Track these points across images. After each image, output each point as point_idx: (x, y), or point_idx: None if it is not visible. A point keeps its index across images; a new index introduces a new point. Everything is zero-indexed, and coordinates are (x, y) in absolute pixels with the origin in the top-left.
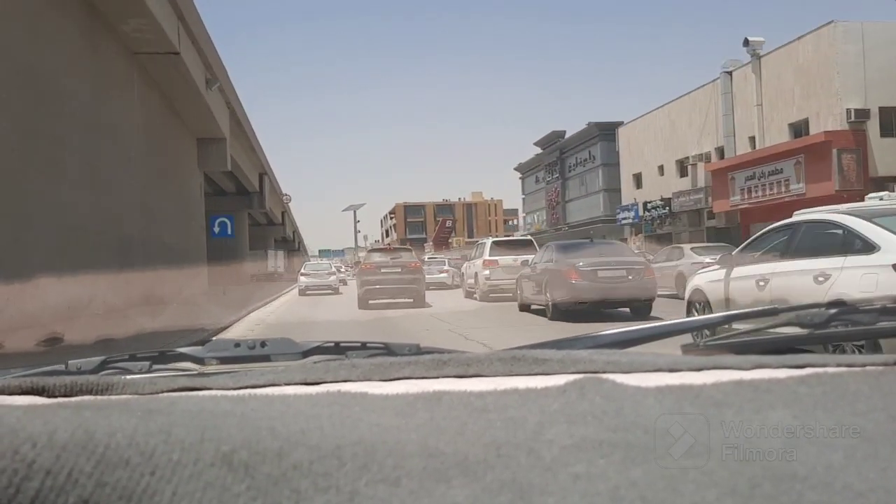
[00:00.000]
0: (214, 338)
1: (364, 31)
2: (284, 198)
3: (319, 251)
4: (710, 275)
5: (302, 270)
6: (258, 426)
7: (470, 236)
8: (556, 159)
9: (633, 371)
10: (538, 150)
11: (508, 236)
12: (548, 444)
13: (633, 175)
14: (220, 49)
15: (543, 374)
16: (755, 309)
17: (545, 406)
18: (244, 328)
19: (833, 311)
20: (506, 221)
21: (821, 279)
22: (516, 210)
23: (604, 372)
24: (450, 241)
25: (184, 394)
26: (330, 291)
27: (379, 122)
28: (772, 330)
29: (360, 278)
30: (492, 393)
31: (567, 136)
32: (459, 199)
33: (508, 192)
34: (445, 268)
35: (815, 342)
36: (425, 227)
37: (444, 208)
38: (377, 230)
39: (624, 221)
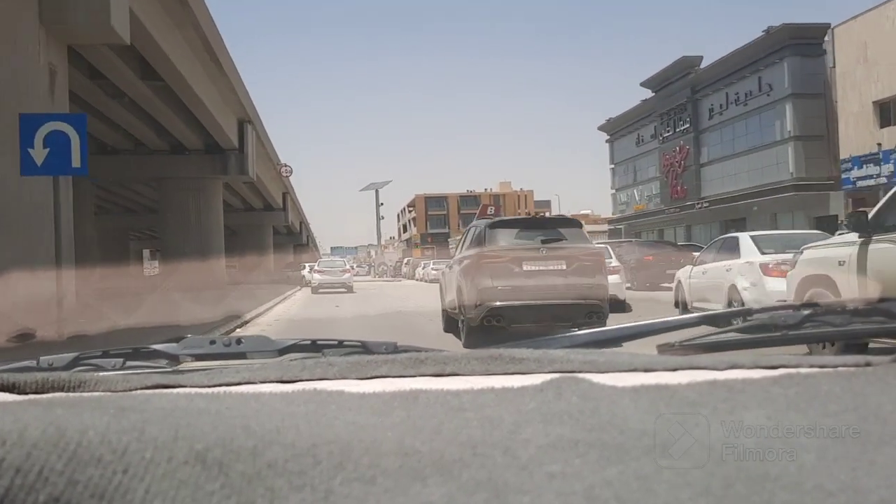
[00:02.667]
0: (189, 335)
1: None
2: (283, 170)
3: (332, 248)
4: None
5: (315, 267)
6: (233, 424)
7: None
8: (685, 102)
9: (609, 371)
10: (617, 114)
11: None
12: (524, 444)
13: (877, 104)
14: None
15: (520, 374)
16: (730, 310)
17: (522, 405)
18: None
19: (806, 311)
20: (536, 214)
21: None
22: (549, 202)
23: (580, 371)
24: None
25: (157, 391)
26: (344, 290)
27: (394, 111)
28: (746, 330)
29: (474, 280)
30: (468, 392)
31: (705, 63)
32: (486, 189)
33: (539, 182)
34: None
35: (788, 343)
36: (448, 220)
37: (469, 200)
38: (393, 226)
39: (865, 182)
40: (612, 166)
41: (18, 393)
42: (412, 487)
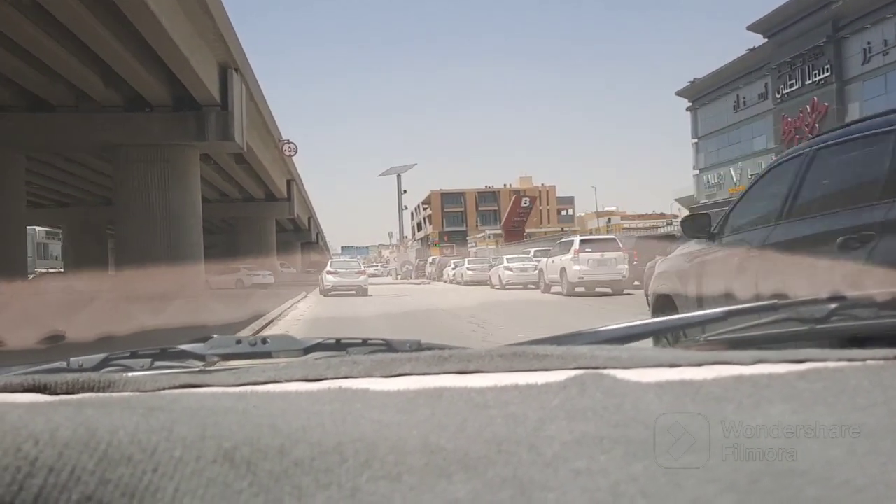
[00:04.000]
0: (215, 335)
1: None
2: (286, 147)
3: (342, 248)
4: None
5: (328, 268)
6: (259, 423)
7: None
8: (822, 44)
9: (633, 367)
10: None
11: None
12: (548, 440)
13: None
14: None
15: (544, 370)
16: (755, 304)
17: (546, 402)
18: None
19: (833, 305)
20: (559, 211)
21: None
22: (572, 198)
23: (604, 368)
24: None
25: (185, 391)
26: (355, 293)
27: (408, 104)
28: (772, 325)
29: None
30: (492, 389)
31: None
32: (505, 185)
33: (562, 177)
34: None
35: (815, 338)
36: (466, 217)
37: (488, 196)
38: (406, 224)
39: None
40: (696, 140)
41: (49, 394)
42: (438, 485)
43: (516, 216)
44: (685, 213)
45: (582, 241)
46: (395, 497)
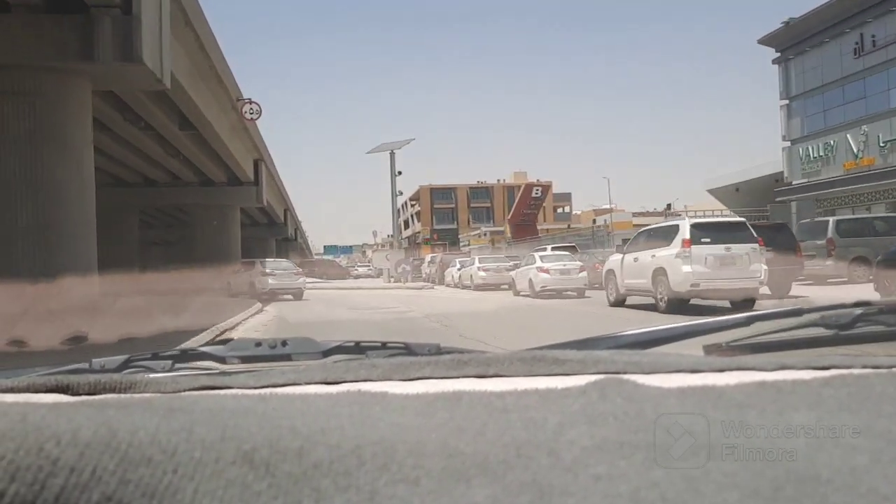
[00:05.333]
0: (236, 337)
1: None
2: (246, 109)
3: (325, 247)
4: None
5: (265, 270)
6: (279, 425)
7: None
8: None
9: (654, 372)
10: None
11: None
12: (568, 445)
13: None
14: None
15: (564, 375)
16: (779, 309)
17: (565, 407)
18: None
19: (859, 311)
20: (555, 209)
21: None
22: (569, 195)
23: (625, 373)
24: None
25: (205, 392)
26: (291, 297)
27: (393, 97)
28: (796, 330)
29: None
30: (512, 393)
31: None
32: (499, 180)
33: (558, 173)
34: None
35: (840, 343)
36: (457, 215)
37: (480, 192)
38: (390, 222)
39: None
40: (787, 102)
41: (72, 394)
42: (456, 489)
43: (526, 208)
44: (714, 206)
45: (695, 228)
46: (413, 500)
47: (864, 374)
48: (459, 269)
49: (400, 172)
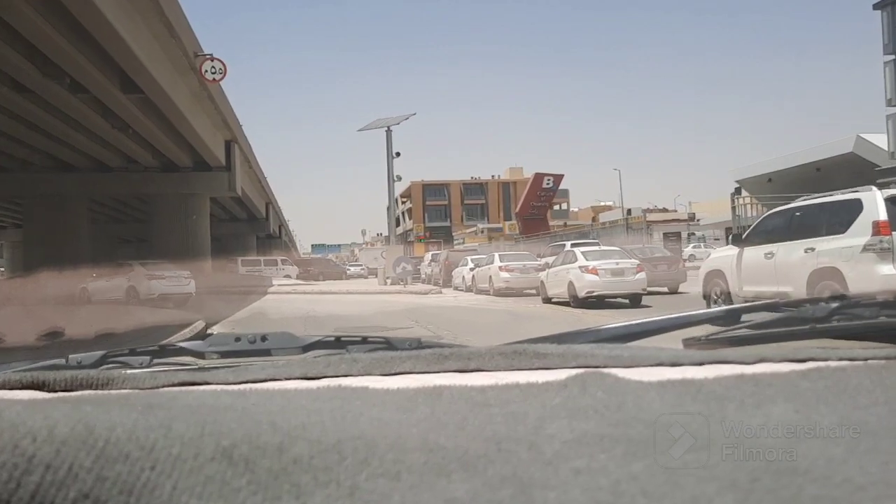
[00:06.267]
0: (215, 332)
1: None
2: (205, 67)
3: (313, 246)
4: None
5: (146, 271)
6: (259, 420)
7: (508, 220)
8: None
9: (634, 365)
10: None
11: None
12: (549, 439)
13: None
14: None
15: (545, 369)
16: (756, 303)
17: (546, 400)
18: None
19: (835, 304)
20: (552, 205)
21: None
22: (566, 191)
23: (605, 366)
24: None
25: (184, 388)
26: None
27: (385, 88)
28: (774, 324)
29: None
30: (493, 387)
31: None
32: (493, 176)
33: (554, 169)
34: None
35: (817, 336)
36: (450, 212)
37: (474, 188)
38: (380, 221)
39: None
40: (894, 57)
41: (48, 391)
42: (437, 483)
43: (536, 200)
44: (718, 206)
45: (892, 203)
46: (394, 495)
47: (840, 367)
48: (473, 270)
49: (398, 153)
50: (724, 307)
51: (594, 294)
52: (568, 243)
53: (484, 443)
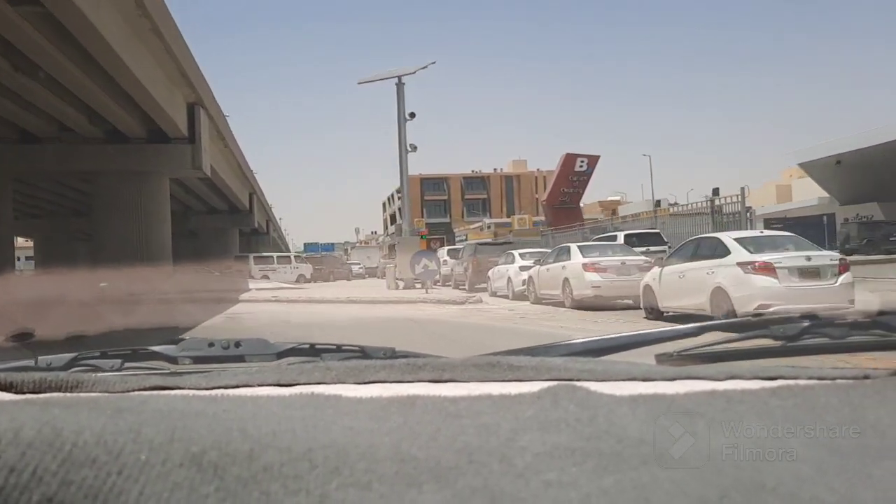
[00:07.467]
0: (188, 336)
1: None
2: None
3: (305, 245)
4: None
5: None
6: (229, 427)
7: (510, 216)
8: None
9: (607, 379)
10: None
11: None
12: (520, 451)
13: None
14: None
15: (518, 381)
16: (729, 320)
17: (519, 413)
18: None
19: (806, 323)
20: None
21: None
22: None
23: (578, 380)
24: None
25: (155, 393)
26: None
27: (381, 86)
28: (745, 341)
29: None
30: (466, 398)
31: None
32: (495, 169)
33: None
34: None
35: (787, 354)
36: (450, 207)
37: (475, 182)
38: (376, 219)
39: None
40: None
41: (15, 392)
42: (408, 494)
43: (568, 186)
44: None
45: None
46: None
47: (809, 386)
48: (529, 270)
49: (413, 114)
50: (697, 324)
51: (771, 307)
52: (620, 234)
53: (456, 454)
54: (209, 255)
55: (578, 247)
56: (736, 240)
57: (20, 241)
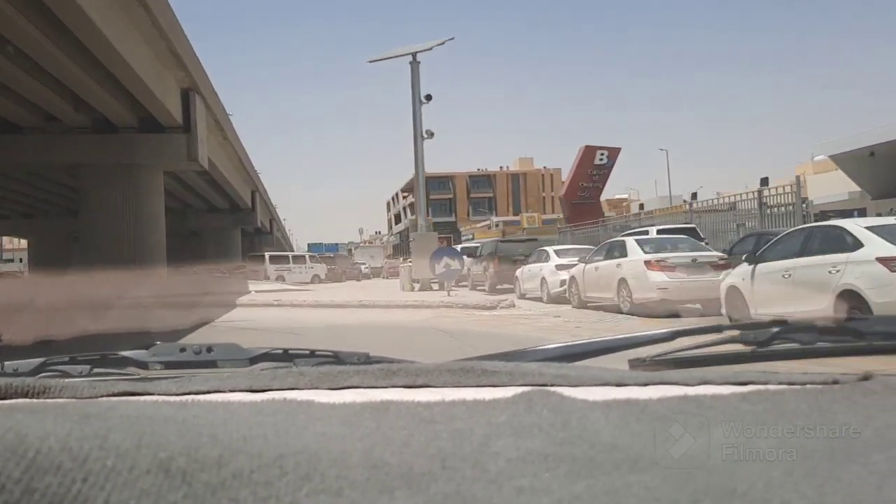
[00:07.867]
0: (159, 342)
1: None
2: None
3: (309, 245)
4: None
5: None
6: (199, 433)
7: (516, 215)
8: None
9: (580, 385)
10: None
11: None
12: (493, 457)
13: None
14: None
15: (492, 386)
16: (701, 326)
17: (492, 418)
18: None
19: (775, 329)
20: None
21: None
22: None
23: (552, 385)
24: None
25: (124, 398)
26: None
27: (382, 77)
28: (717, 346)
29: None
30: (439, 404)
31: None
32: (502, 167)
33: (565, 160)
34: None
35: (758, 360)
36: (455, 206)
37: (481, 180)
38: (381, 219)
39: None
40: None
41: None
42: (379, 500)
43: (587, 181)
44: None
45: None
46: None
47: (779, 391)
48: (570, 270)
49: (429, 96)
50: (670, 329)
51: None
52: (652, 229)
53: (428, 460)
54: (210, 255)
55: (637, 241)
56: (868, 228)
57: (17, 243)
